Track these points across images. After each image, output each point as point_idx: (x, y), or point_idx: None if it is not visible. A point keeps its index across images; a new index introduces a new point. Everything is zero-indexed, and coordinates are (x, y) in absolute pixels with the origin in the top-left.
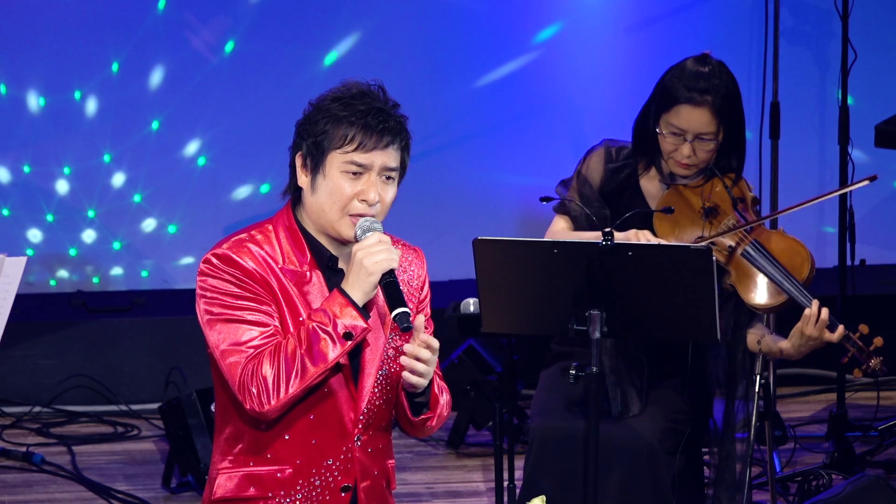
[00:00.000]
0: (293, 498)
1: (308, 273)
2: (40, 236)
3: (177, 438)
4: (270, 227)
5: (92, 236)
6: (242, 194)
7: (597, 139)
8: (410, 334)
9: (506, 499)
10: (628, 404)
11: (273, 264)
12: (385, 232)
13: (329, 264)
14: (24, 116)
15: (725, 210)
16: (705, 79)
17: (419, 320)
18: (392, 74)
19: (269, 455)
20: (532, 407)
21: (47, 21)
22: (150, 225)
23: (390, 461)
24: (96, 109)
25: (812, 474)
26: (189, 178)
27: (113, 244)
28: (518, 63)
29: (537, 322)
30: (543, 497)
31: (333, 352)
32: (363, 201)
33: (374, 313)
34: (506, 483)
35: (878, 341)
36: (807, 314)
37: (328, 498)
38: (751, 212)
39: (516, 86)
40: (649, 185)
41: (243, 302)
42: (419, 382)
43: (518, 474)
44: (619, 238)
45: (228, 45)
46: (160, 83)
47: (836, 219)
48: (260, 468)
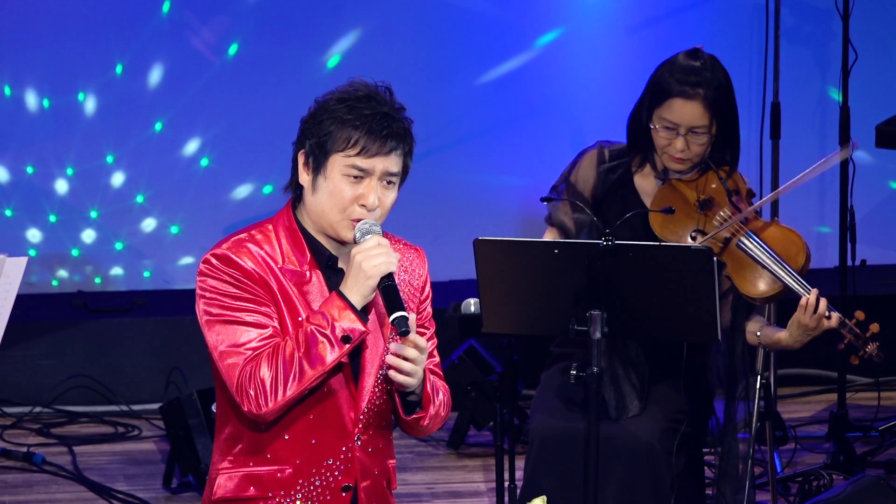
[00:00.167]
0: (293, 498)
1: (308, 273)
2: (42, 237)
3: (177, 438)
4: (270, 227)
5: (94, 237)
6: (245, 195)
7: (597, 139)
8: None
9: (506, 499)
10: (626, 405)
11: (272, 264)
12: (386, 232)
13: (329, 264)
14: (28, 117)
15: (720, 202)
16: (697, 72)
17: (410, 318)
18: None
19: (269, 455)
20: (532, 407)
21: (51, 23)
22: (153, 225)
23: (391, 461)
24: (99, 110)
25: (813, 475)
26: (192, 179)
27: (115, 244)
28: (519, 63)
29: (538, 322)
30: (544, 497)
31: (331, 355)
32: (362, 206)
33: (374, 313)
34: (506, 483)
35: (875, 327)
36: (803, 303)
37: (329, 498)
38: (746, 204)
39: (517, 86)
40: (644, 183)
41: (242, 303)
42: (406, 381)
43: (519, 475)
44: None
45: (232, 48)
46: (163, 84)
47: (836, 219)
48: (260, 468)
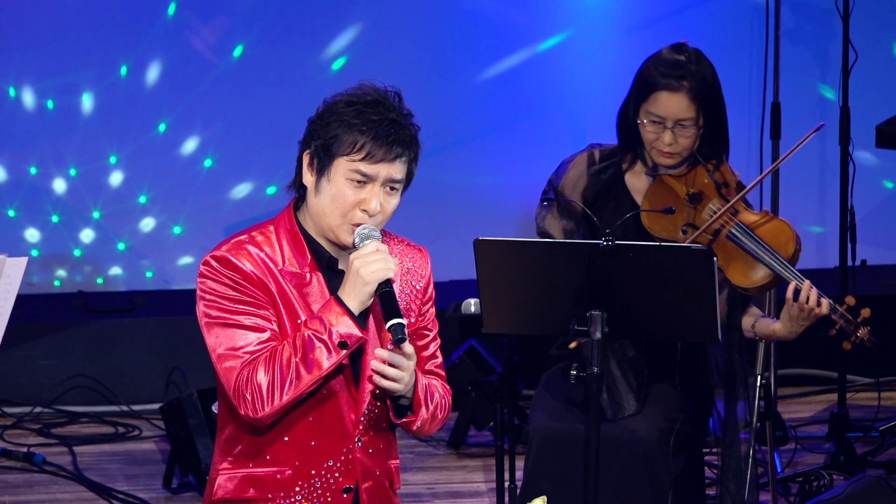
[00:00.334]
0: (293, 499)
1: (308, 275)
2: (45, 237)
3: (178, 439)
4: (272, 228)
5: (96, 237)
6: (248, 196)
7: (597, 139)
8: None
9: (507, 499)
10: (621, 405)
11: (272, 266)
12: (390, 232)
13: (329, 265)
14: (32, 118)
15: (710, 195)
16: (681, 65)
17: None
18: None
19: (269, 457)
20: (531, 408)
21: (56, 24)
22: (156, 226)
23: (394, 461)
24: (103, 111)
25: (813, 475)
26: (195, 180)
27: (117, 245)
28: (519, 63)
29: (538, 322)
30: (544, 498)
31: (328, 360)
32: (364, 210)
33: (376, 315)
34: (507, 483)
35: (866, 312)
36: (789, 296)
37: (330, 499)
38: (735, 196)
39: (517, 86)
40: (635, 181)
41: (240, 306)
42: (391, 387)
43: (519, 475)
44: None
45: (237, 50)
46: (167, 85)
47: (836, 219)
48: (259, 469)
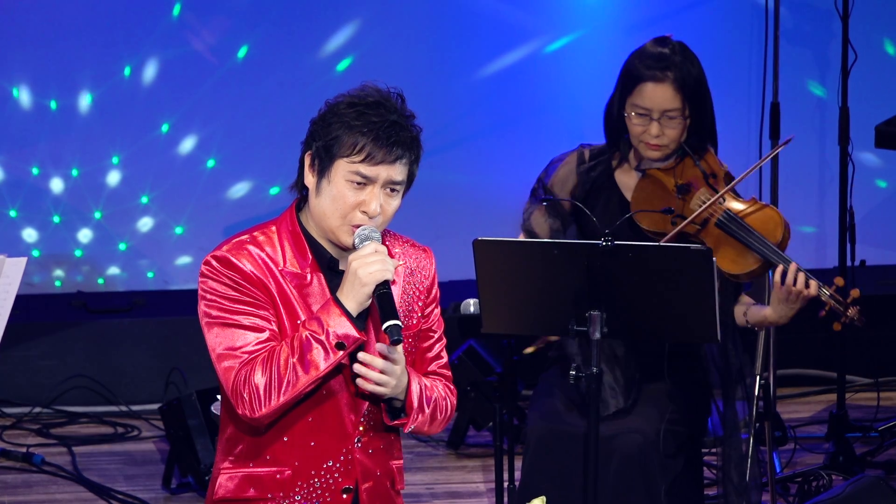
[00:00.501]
0: (292, 499)
1: (309, 275)
2: (47, 237)
3: (177, 439)
4: (274, 229)
5: (98, 237)
6: (251, 197)
7: (597, 140)
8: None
9: (506, 499)
10: (605, 401)
11: (273, 266)
12: (393, 232)
13: (330, 266)
14: (34, 118)
15: (698, 185)
16: (665, 57)
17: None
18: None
19: (269, 456)
20: (529, 408)
21: (60, 24)
22: (157, 226)
23: (396, 462)
24: (106, 111)
25: (812, 475)
26: (197, 180)
27: (119, 245)
28: (519, 64)
29: (537, 323)
30: (543, 498)
31: (325, 361)
32: (364, 212)
33: (376, 316)
34: (506, 484)
35: (855, 293)
36: (777, 279)
37: (329, 499)
38: (723, 185)
39: (517, 86)
40: (625, 178)
41: (240, 306)
42: (375, 390)
43: (518, 475)
44: None
45: (242, 50)
46: (170, 86)
47: (835, 219)
48: (259, 469)
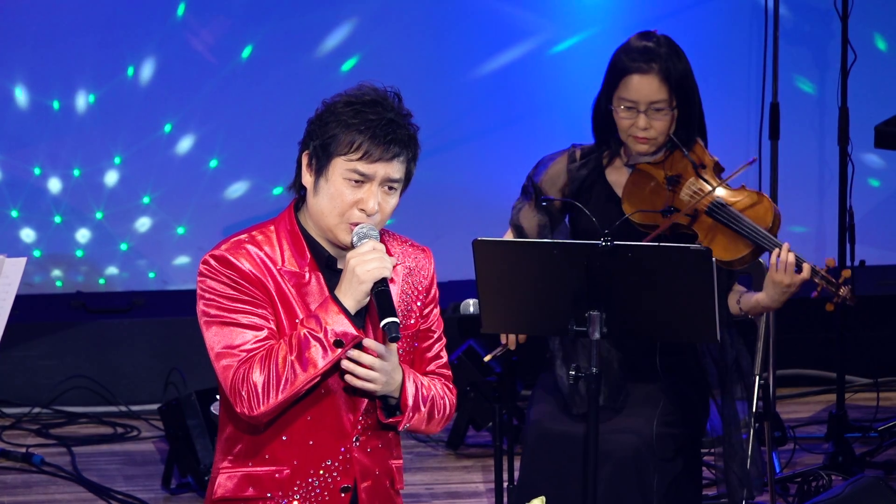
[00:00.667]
0: (291, 498)
1: (307, 274)
2: (48, 238)
3: (176, 439)
4: (272, 228)
5: (99, 238)
6: (254, 197)
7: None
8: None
9: (505, 500)
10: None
11: (271, 266)
12: (392, 232)
13: (328, 264)
14: (37, 118)
15: (687, 176)
16: (650, 50)
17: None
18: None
19: (267, 456)
20: (528, 408)
21: (63, 24)
22: (159, 227)
23: (395, 462)
24: (108, 112)
25: (812, 475)
26: (200, 181)
27: (120, 245)
28: (520, 64)
29: (537, 323)
30: (543, 498)
31: (324, 359)
32: (362, 210)
33: (374, 315)
34: (505, 484)
35: (846, 273)
36: (773, 261)
37: (327, 498)
38: (712, 174)
39: (517, 86)
40: (616, 175)
41: (238, 305)
42: (364, 386)
43: (517, 475)
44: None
45: (246, 51)
46: (174, 86)
47: (834, 219)
48: (258, 469)
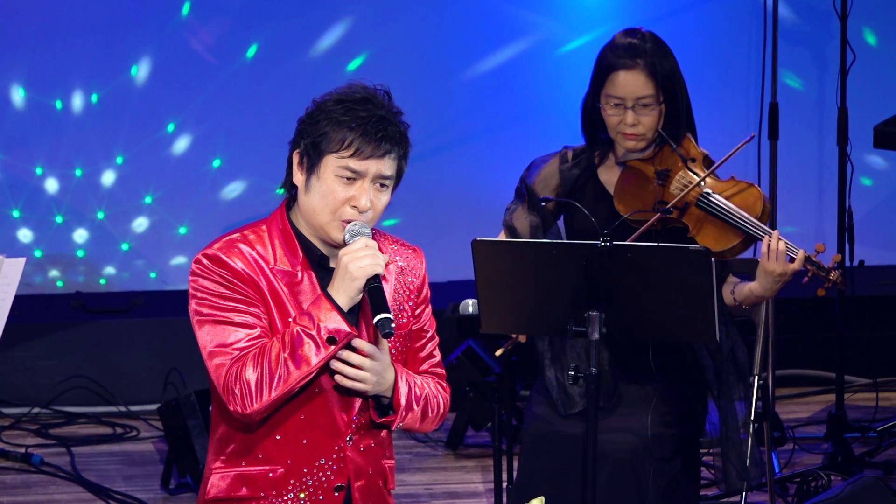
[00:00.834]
0: (285, 498)
1: (299, 273)
2: (49, 238)
3: (176, 439)
4: (264, 228)
5: (100, 238)
6: (256, 197)
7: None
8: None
9: (504, 500)
10: (573, 398)
11: (264, 265)
12: (382, 232)
13: (320, 263)
14: (38, 119)
15: (676, 170)
16: (635, 46)
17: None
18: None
19: (261, 455)
20: (526, 408)
21: (66, 24)
22: (161, 227)
23: (388, 461)
24: (111, 112)
25: (811, 475)
26: (202, 181)
27: (121, 245)
28: (519, 63)
29: (536, 323)
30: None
31: (317, 356)
32: (354, 207)
33: (367, 313)
34: (505, 484)
35: (837, 257)
36: (764, 249)
37: (321, 497)
38: (702, 167)
39: (516, 86)
40: (607, 174)
41: (231, 303)
42: (354, 386)
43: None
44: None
45: (251, 50)
46: (176, 86)
47: (833, 219)
48: (252, 468)
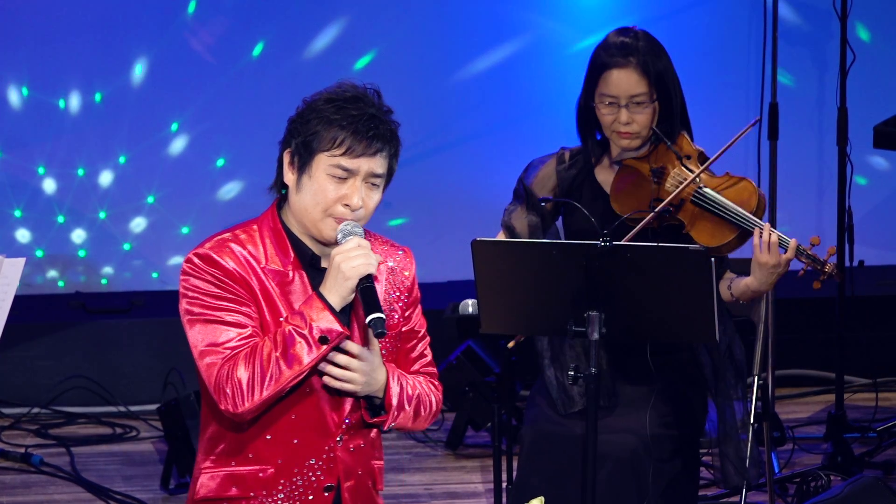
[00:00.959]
0: (275, 498)
1: (291, 273)
2: (50, 238)
3: (175, 439)
4: (255, 227)
5: (101, 238)
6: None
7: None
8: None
9: (504, 500)
10: (572, 398)
11: (255, 264)
12: (372, 233)
13: (312, 263)
14: (40, 118)
15: (671, 167)
16: (627, 44)
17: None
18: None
19: (251, 455)
20: (526, 408)
21: (67, 23)
22: (163, 227)
23: (377, 462)
24: (113, 111)
25: (811, 475)
26: (205, 181)
27: (123, 245)
28: (519, 64)
29: (536, 323)
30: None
31: (309, 356)
32: (346, 205)
33: (359, 313)
34: (504, 484)
35: (832, 249)
36: (756, 242)
37: (311, 498)
38: (697, 165)
39: (516, 85)
40: (604, 174)
41: (222, 303)
42: (342, 387)
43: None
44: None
45: (257, 48)
46: (179, 86)
47: (833, 219)
48: (241, 468)
